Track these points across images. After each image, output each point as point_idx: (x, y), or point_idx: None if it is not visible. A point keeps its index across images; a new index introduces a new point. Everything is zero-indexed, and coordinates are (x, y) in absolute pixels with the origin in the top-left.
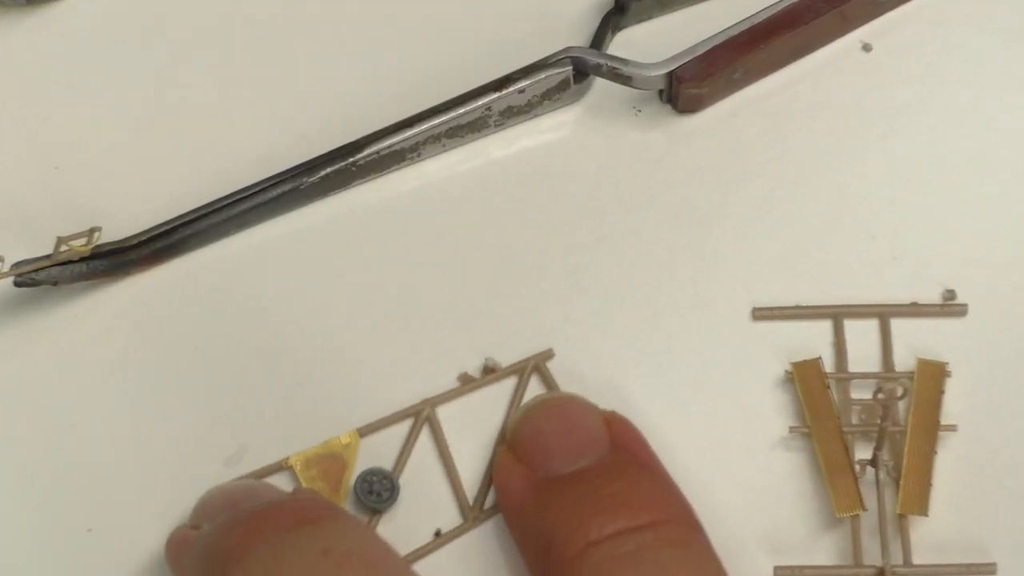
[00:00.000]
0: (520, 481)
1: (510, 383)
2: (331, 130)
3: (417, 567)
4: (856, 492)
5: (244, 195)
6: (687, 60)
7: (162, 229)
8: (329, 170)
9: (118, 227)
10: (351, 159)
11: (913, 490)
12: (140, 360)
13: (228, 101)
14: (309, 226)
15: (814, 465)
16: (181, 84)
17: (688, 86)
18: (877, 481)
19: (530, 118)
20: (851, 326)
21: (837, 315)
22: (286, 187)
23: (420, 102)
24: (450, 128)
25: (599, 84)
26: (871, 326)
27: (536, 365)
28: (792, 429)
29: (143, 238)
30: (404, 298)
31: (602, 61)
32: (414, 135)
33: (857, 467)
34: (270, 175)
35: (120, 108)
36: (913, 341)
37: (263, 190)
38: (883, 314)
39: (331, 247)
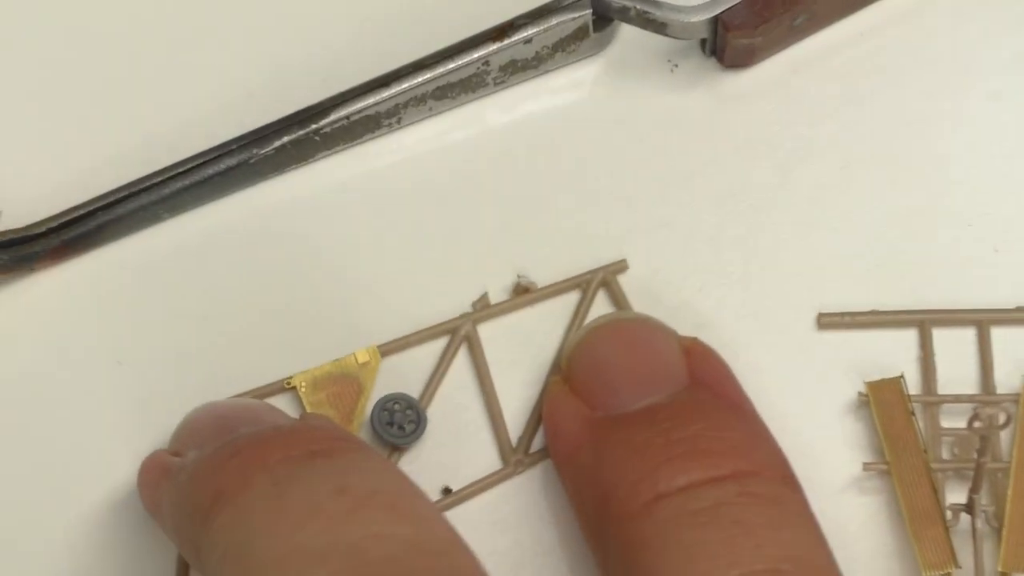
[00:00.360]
0: (575, 419)
1: (571, 299)
2: (288, 89)
3: (448, 516)
4: (947, 545)
5: (178, 172)
6: (736, 1)
7: (75, 214)
8: (286, 140)
9: (20, 212)
10: (313, 126)
11: (1018, 543)
12: (47, 375)
13: (157, 53)
14: (261, 209)
15: (894, 511)
16: (98, 32)
17: (737, 35)
18: (973, 531)
19: (539, 75)
20: (941, 336)
21: (924, 323)
22: (231, 161)
23: (400, 54)
24: (438, 87)
25: (625, 32)
26: (967, 337)
27: (605, 278)
28: (867, 466)
29: (52, 225)
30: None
31: (629, 3)
32: (393, 96)
33: (949, 514)
34: (211, 146)
35: (19, 64)
36: (1020, 355)
37: (202, 165)
38: (982, 322)
39: (288, 234)
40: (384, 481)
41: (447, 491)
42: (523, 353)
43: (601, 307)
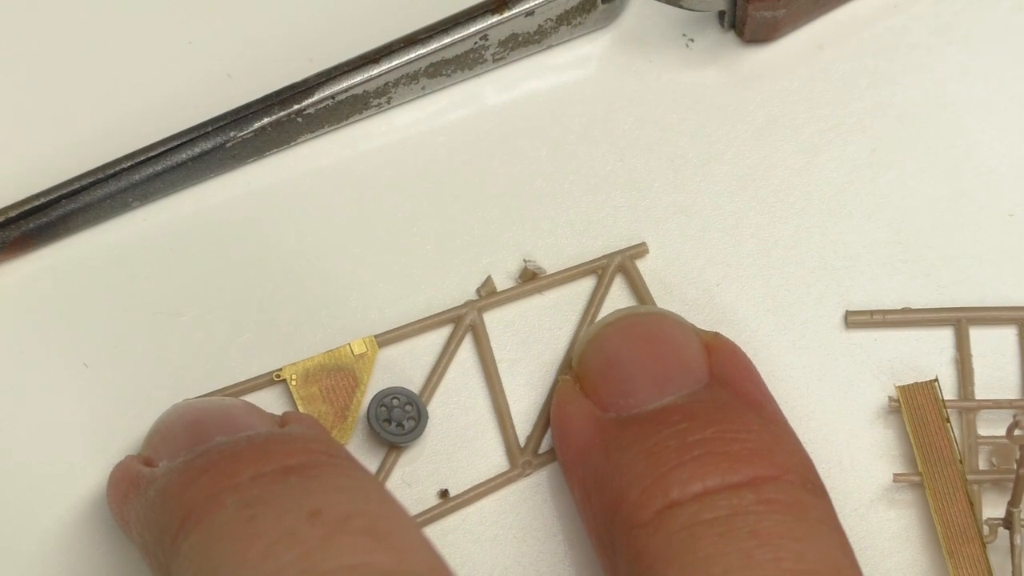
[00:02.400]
0: (586, 421)
1: (585, 286)
2: (268, 67)
3: (449, 522)
4: (984, 563)
5: (149, 156)
6: None
7: (35, 203)
8: (266, 121)
9: None
10: (296, 107)
11: None
12: (6, 378)
13: (126, 27)
14: (238, 196)
15: (927, 526)
16: (62, 4)
17: (759, 6)
18: (1012, 548)
19: (541, 50)
20: (979, 336)
21: (960, 322)
22: (207, 145)
23: (390, 28)
24: (431, 64)
25: (636, 4)
26: (1007, 336)
27: (623, 263)
28: (897, 477)
29: (10, 215)
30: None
31: None
32: (382, 74)
33: (986, 529)
34: (185, 129)
35: None
36: None
37: (175, 149)
38: (1023, 321)
39: (268, 222)
40: (362, 502)
41: (444, 494)
42: (532, 344)
43: (618, 294)
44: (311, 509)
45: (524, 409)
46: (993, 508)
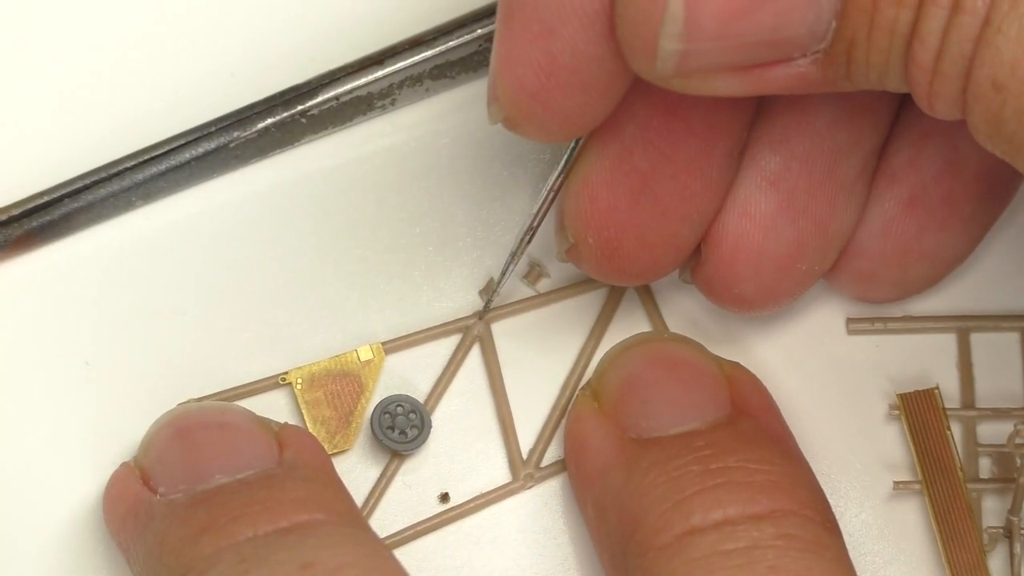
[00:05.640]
0: (604, 438)
1: (593, 299)
2: (273, 67)
3: (443, 535)
4: (984, 571)
5: (152, 156)
6: None
7: (38, 202)
8: (269, 122)
9: None
10: (300, 107)
11: None
12: (7, 375)
13: (130, 27)
14: (241, 196)
15: (927, 534)
16: (65, 4)
17: None
18: (1011, 557)
19: None
20: (981, 344)
21: (963, 329)
22: (210, 145)
23: (395, 30)
24: (436, 66)
25: None
26: (1010, 342)
27: None
28: (898, 485)
29: (13, 213)
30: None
31: None
32: (387, 76)
33: (985, 537)
34: (188, 128)
35: None
36: None
37: (178, 149)
38: None
39: (271, 223)
40: (355, 555)
41: (445, 497)
42: (539, 357)
43: (628, 309)
44: (304, 562)
45: (529, 421)
46: (993, 517)
